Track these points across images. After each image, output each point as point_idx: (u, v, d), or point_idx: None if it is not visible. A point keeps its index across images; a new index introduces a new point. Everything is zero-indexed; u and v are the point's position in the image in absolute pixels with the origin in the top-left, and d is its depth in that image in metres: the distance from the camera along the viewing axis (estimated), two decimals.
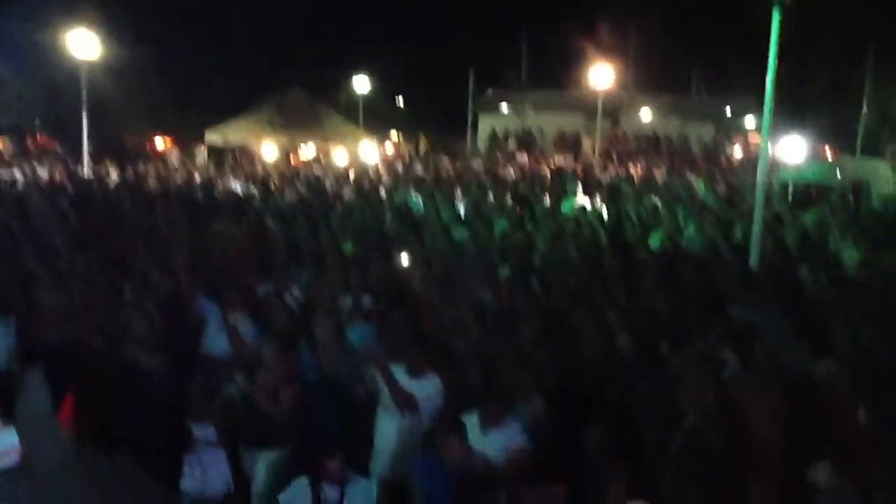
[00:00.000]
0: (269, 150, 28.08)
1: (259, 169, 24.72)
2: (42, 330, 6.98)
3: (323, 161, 27.98)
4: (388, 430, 5.87)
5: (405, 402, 5.73)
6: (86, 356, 6.17)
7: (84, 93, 21.07)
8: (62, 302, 7.48)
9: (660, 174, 25.04)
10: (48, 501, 2.57)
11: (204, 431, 5.77)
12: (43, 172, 21.37)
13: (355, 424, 6.01)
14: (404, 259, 9.16)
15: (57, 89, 30.77)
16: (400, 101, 45.51)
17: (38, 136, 32.00)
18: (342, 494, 5.25)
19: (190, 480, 5.29)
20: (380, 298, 7.79)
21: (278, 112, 29.62)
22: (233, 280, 8.03)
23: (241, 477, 5.85)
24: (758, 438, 5.14)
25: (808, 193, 19.16)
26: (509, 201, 16.15)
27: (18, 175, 19.53)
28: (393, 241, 10.86)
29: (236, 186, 19.70)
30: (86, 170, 21.69)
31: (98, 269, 8.61)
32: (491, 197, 17.09)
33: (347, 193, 17.70)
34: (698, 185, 20.78)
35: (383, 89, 37.55)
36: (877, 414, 5.17)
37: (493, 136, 34.81)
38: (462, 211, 14.55)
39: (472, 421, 5.43)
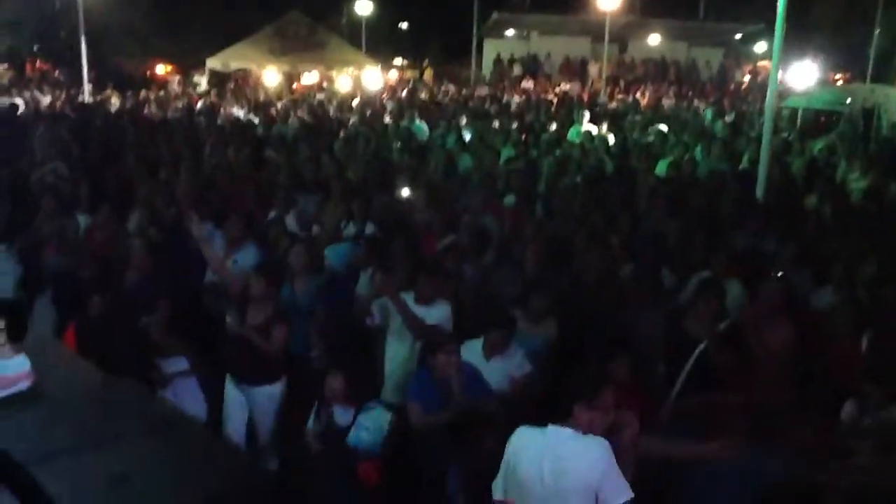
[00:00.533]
0: (271, 77, 27.72)
1: (261, 95, 24.47)
2: (46, 258, 7.02)
3: (326, 87, 27.65)
4: (398, 356, 5.88)
5: (418, 330, 5.71)
6: (87, 284, 6.19)
7: (81, 17, 20.69)
8: (65, 230, 7.50)
9: (667, 101, 24.76)
10: (59, 424, 2.61)
11: (173, 364, 5.78)
12: (43, 99, 21.18)
13: (361, 350, 6.03)
14: (408, 187, 9.10)
15: (55, 14, 30.23)
16: (403, 25, 44.67)
17: (38, 62, 31.56)
18: (354, 418, 5.11)
19: None
20: (383, 226, 7.76)
21: (278, 37, 29.07)
22: (234, 209, 8.01)
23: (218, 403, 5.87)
24: (767, 364, 5.20)
25: (817, 120, 18.93)
26: (514, 128, 15.98)
27: (19, 101, 19.31)
28: (396, 169, 10.79)
29: (238, 113, 19.52)
30: (86, 96, 21.47)
31: (100, 197, 8.59)
32: (496, 123, 16.93)
33: (351, 120, 17.54)
34: (706, 111, 20.56)
35: (386, 13, 36.76)
36: (878, 342, 5.21)
37: (499, 62, 34.24)
38: (466, 138, 14.43)
39: (475, 348, 5.46)
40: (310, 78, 29.27)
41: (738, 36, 36.63)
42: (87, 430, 2.64)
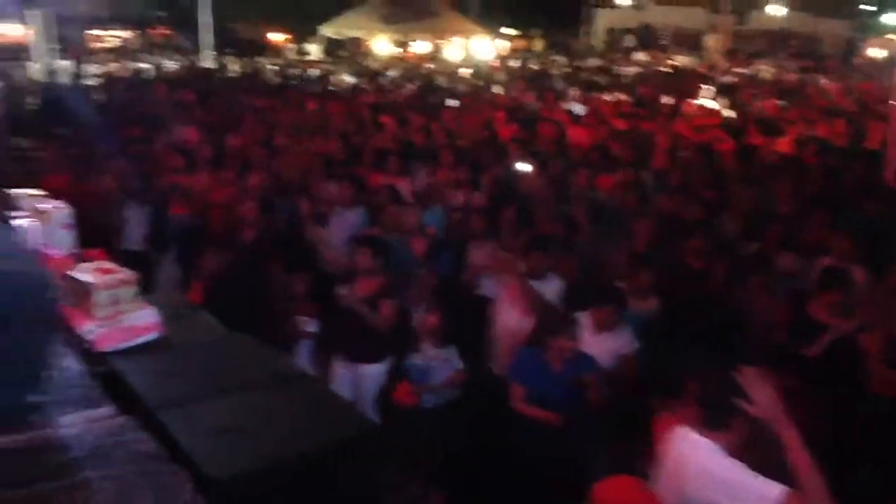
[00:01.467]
0: (382, 45, 27.98)
1: (372, 63, 24.75)
2: (172, 216, 7.31)
3: (437, 57, 27.73)
4: (507, 327, 5.81)
5: (539, 308, 5.61)
6: (208, 242, 6.42)
7: None
8: (190, 187, 7.79)
9: (789, 75, 23.76)
10: (182, 373, 2.73)
11: (310, 325, 5.83)
12: (168, 64, 22.03)
13: (470, 316, 6.03)
14: (518, 158, 9.05)
15: None
16: None
17: (161, 28, 32.78)
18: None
19: None
20: (492, 197, 7.75)
21: (389, 5, 29.27)
22: (346, 173, 8.14)
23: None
24: None
25: None
26: (626, 100, 15.65)
27: (144, 66, 20.15)
28: (505, 140, 10.74)
29: (350, 81, 19.81)
30: (206, 62, 22.20)
31: (222, 158, 8.90)
32: (607, 96, 16.63)
33: (461, 90, 17.55)
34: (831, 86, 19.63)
35: None
36: None
37: (611, 32, 33.50)
38: (577, 109, 14.22)
39: (582, 322, 5.41)
40: (420, 46, 29.40)
41: (869, 7, 34.71)
42: (207, 380, 2.74)
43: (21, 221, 3.83)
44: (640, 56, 29.39)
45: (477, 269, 6.30)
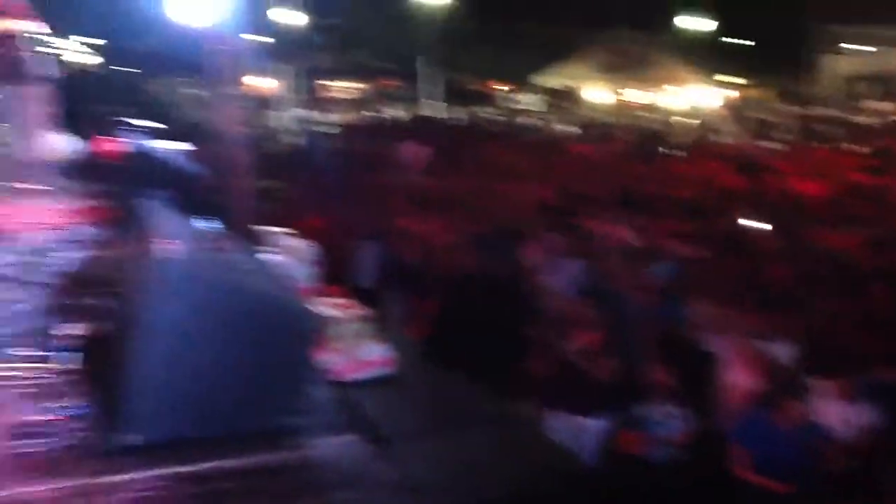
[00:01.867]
0: (596, 94, 27.91)
1: (587, 112, 24.86)
2: (400, 255, 7.64)
3: (656, 105, 27.34)
4: (734, 386, 5.53)
5: (765, 370, 5.35)
6: (433, 281, 6.64)
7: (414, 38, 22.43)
8: (416, 230, 8.11)
9: None
10: (410, 409, 2.87)
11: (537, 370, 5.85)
12: (394, 112, 23.34)
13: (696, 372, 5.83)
14: (745, 209, 8.70)
15: (398, 32, 32.94)
16: (734, 40, 42.52)
17: (385, 78, 34.63)
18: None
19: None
20: (719, 249, 7.45)
21: (606, 53, 29.15)
22: (565, 221, 8.12)
23: None
24: None
25: None
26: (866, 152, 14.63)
27: (376, 115, 21.47)
28: (731, 191, 10.37)
29: (566, 129, 20.04)
30: (429, 110, 23.25)
31: (445, 202, 9.21)
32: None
33: (683, 139, 17.23)
34: None
35: (717, 28, 35.25)
36: None
37: (843, 79, 31.32)
38: (809, 161, 13.48)
39: (816, 388, 5.07)
40: (636, 95, 29.04)
41: None
42: (436, 416, 2.85)
43: (274, 257, 4.21)
44: (880, 105, 27.26)
45: (702, 325, 6.06)
